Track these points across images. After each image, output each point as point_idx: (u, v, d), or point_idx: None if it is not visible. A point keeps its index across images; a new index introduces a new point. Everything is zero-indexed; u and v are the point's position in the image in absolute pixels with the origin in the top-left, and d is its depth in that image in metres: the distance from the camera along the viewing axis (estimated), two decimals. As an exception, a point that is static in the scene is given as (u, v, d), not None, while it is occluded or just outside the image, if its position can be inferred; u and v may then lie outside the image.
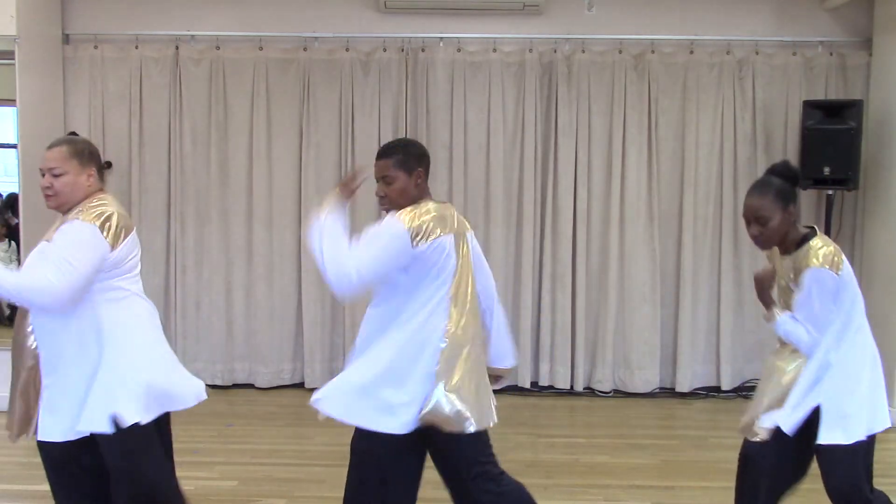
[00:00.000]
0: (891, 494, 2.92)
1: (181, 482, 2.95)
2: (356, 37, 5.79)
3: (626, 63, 5.77)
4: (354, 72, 5.78)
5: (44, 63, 5.54)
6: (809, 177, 5.31)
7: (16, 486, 4.09)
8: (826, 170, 5.33)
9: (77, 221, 2.65)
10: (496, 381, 3.15)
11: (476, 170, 5.83)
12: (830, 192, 5.55)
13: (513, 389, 5.86)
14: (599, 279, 5.87)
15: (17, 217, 5.48)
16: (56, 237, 2.67)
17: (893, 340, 4.74)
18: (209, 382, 5.80)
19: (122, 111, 5.80)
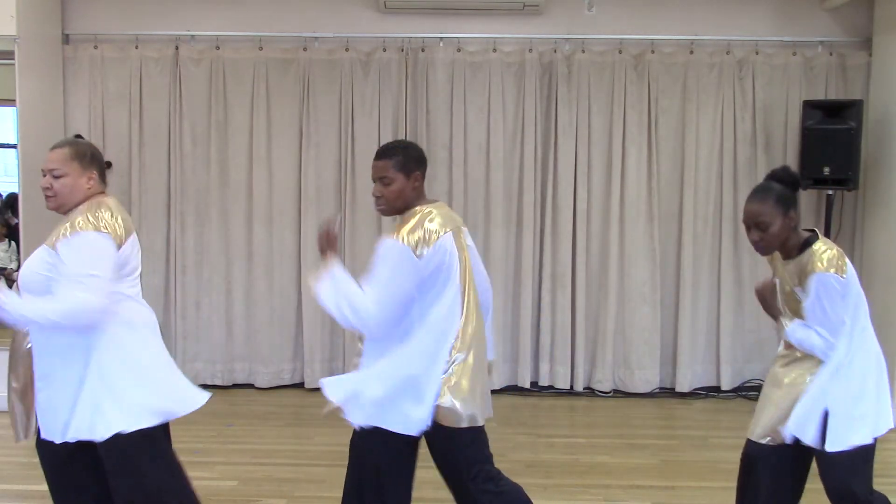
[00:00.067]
0: (890, 494, 2.92)
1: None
2: (356, 37, 5.79)
3: (626, 63, 5.77)
4: (354, 72, 5.77)
5: (44, 63, 5.54)
6: (809, 177, 5.31)
7: (16, 486, 4.09)
8: (826, 170, 5.34)
9: (82, 234, 2.62)
10: None
11: (476, 170, 5.83)
12: (830, 192, 5.55)
13: (513, 389, 5.87)
14: (599, 279, 5.87)
15: (17, 217, 5.48)
16: (65, 252, 2.61)
17: (894, 340, 4.73)
18: (209, 382, 5.82)
19: (122, 111, 5.80)
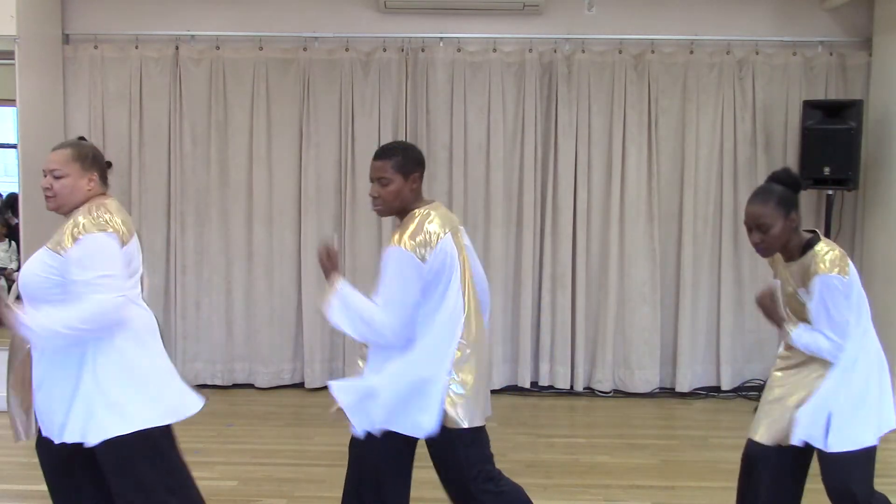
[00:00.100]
0: (891, 495, 2.92)
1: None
2: (356, 37, 5.78)
3: (626, 63, 5.76)
4: (354, 72, 5.77)
5: (44, 63, 5.54)
6: (809, 177, 5.31)
7: (16, 486, 4.09)
8: (826, 170, 5.34)
9: (89, 236, 2.62)
10: None
11: (476, 170, 5.82)
12: (830, 192, 5.55)
13: (513, 389, 5.87)
14: (599, 279, 5.87)
15: (17, 217, 5.48)
16: (76, 257, 2.60)
17: (894, 340, 4.73)
18: (209, 382, 5.83)
19: (122, 111, 5.80)
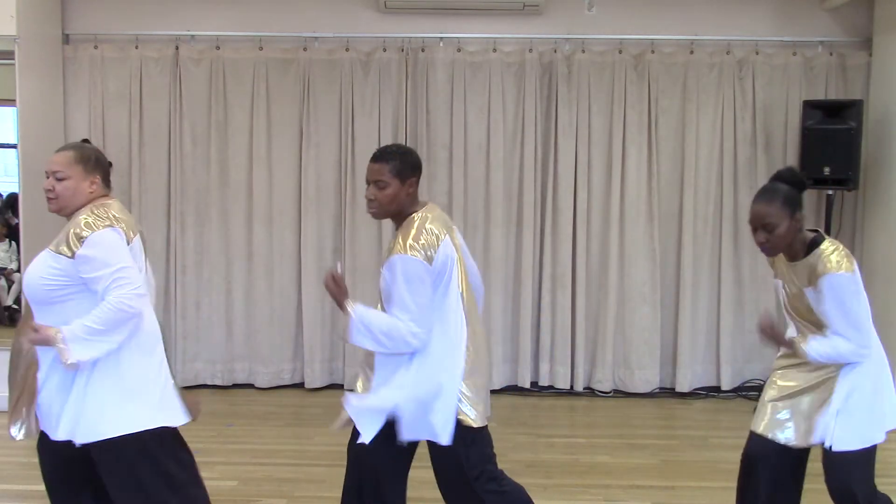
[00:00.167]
0: (891, 494, 2.92)
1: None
2: (356, 37, 5.78)
3: (626, 63, 5.76)
4: (354, 72, 5.77)
5: (44, 63, 5.54)
6: (809, 177, 5.29)
7: (16, 486, 4.09)
8: (826, 170, 5.34)
9: (97, 234, 2.62)
10: None
11: (476, 170, 5.82)
12: (830, 192, 5.55)
13: (513, 389, 5.87)
14: (599, 279, 5.87)
15: (17, 217, 5.48)
16: (89, 256, 2.60)
17: (894, 340, 4.73)
18: (209, 382, 5.83)
19: (122, 111, 5.80)
